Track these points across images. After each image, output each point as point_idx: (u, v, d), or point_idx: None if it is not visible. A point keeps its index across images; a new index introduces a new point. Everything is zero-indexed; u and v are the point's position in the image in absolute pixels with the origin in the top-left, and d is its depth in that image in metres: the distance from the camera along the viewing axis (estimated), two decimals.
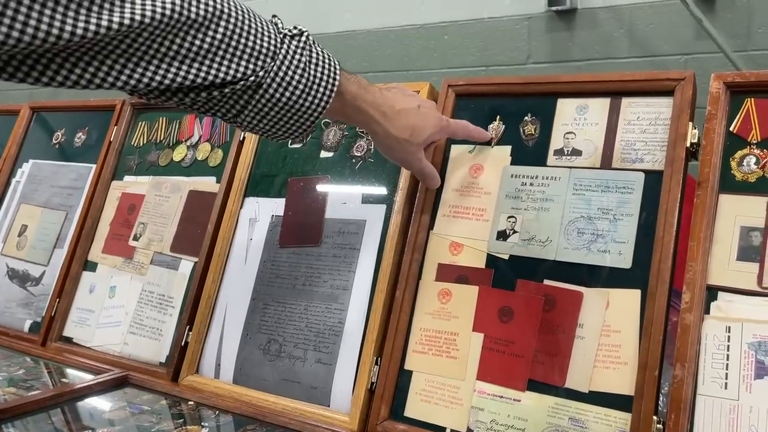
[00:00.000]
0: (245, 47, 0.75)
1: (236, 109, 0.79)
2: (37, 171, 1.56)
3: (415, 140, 0.94)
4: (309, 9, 2.95)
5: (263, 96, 0.78)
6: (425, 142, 0.96)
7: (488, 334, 0.95)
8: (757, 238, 0.83)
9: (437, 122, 0.97)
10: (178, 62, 0.71)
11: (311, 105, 0.82)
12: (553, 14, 2.50)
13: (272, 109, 0.80)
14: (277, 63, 0.78)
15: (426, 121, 0.95)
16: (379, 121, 0.91)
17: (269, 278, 1.15)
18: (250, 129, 0.83)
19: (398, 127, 0.92)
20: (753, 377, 0.79)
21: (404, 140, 0.93)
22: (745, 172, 0.87)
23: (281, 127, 0.83)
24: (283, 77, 0.78)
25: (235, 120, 0.81)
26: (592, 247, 0.92)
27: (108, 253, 1.35)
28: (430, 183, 1.03)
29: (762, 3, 2.20)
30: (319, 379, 1.04)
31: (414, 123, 0.94)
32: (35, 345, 1.33)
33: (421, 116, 0.95)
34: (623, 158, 0.94)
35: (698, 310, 0.83)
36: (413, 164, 0.98)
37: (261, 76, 0.77)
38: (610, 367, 0.87)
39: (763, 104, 0.88)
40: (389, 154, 0.97)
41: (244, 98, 0.78)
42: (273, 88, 0.78)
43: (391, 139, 0.93)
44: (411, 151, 0.95)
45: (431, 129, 0.96)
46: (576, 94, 1.00)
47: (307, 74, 0.80)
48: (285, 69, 0.78)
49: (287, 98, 0.80)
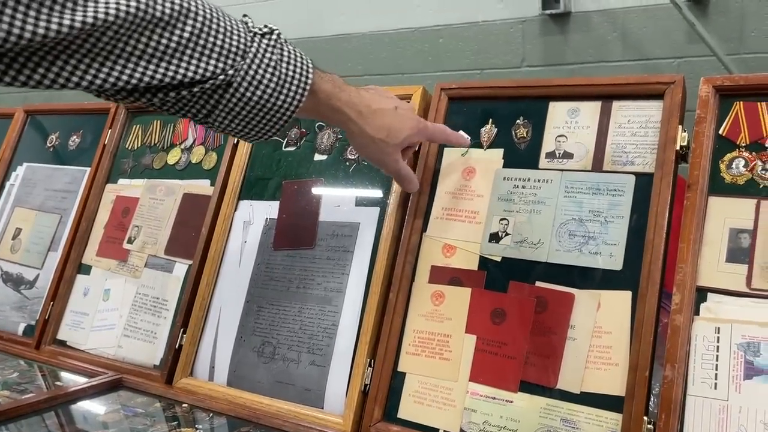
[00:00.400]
0: (214, 45, 0.74)
1: (207, 109, 0.78)
2: (31, 174, 1.56)
3: (391, 141, 0.93)
4: (303, 12, 2.95)
5: (234, 95, 0.77)
6: (402, 144, 0.95)
7: (481, 335, 0.95)
8: (746, 239, 0.84)
9: (415, 124, 0.96)
10: (144, 61, 0.70)
11: (283, 104, 0.81)
12: (547, 18, 2.52)
13: (243, 108, 0.79)
14: (247, 62, 0.76)
15: (403, 123, 0.94)
16: (354, 120, 0.90)
17: (263, 281, 1.15)
18: (221, 129, 0.82)
19: (374, 127, 0.91)
20: (742, 378, 0.79)
21: (380, 140, 0.92)
22: (734, 175, 0.87)
23: (254, 127, 0.82)
24: (253, 76, 0.77)
25: (206, 120, 0.80)
26: (583, 249, 0.93)
27: (102, 256, 1.35)
28: (407, 186, 1.02)
29: (754, 6, 2.22)
30: (313, 381, 1.05)
31: (390, 124, 0.93)
32: (29, 348, 1.33)
33: (398, 117, 0.94)
34: (614, 161, 0.95)
35: (688, 311, 0.83)
36: (389, 165, 0.97)
37: (231, 75, 0.76)
38: (601, 368, 0.87)
39: (752, 107, 0.89)
40: (365, 154, 0.97)
41: (215, 98, 0.77)
42: (244, 87, 0.77)
43: (366, 139, 0.92)
44: (387, 151, 0.94)
45: (408, 130, 0.95)
46: (567, 98, 1.01)
47: (278, 72, 0.79)
48: (255, 68, 0.77)
49: (258, 97, 0.78)
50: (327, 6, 2.90)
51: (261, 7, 3.02)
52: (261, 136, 0.84)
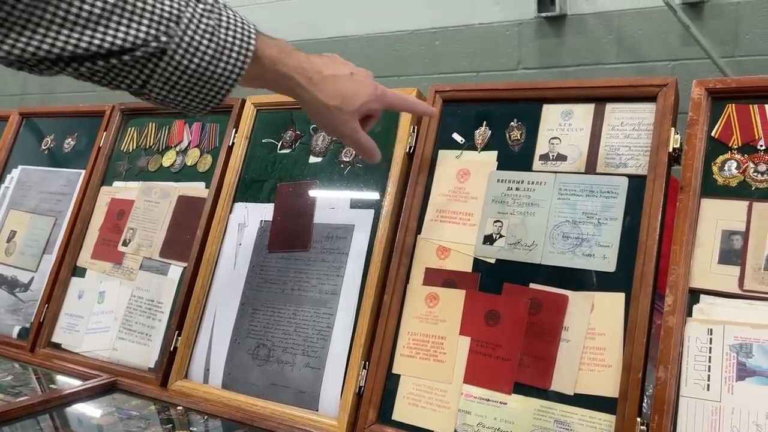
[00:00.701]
0: (143, 11, 0.69)
1: (141, 79, 0.73)
2: (26, 177, 1.56)
3: (346, 108, 0.89)
4: (300, 14, 2.96)
5: (170, 64, 0.72)
6: (359, 111, 0.91)
7: (475, 337, 0.96)
8: (738, 241, 0.85)
9: (372, 90, 0.92)
10: (67, 29, 0.66)
11: (224, 72, 0.76)
12: (542, 20, 2.52)
13: (181, 78, 0.74)
14: (181, 27, 0.72)
15: (359, 89, 0.90)
16: (304, 86, 0.86)
17: (258, 283, 1.15)
18: (160, 101, 0.77)
19: (327, 94, 0.88)
20: (735, 379, 0.80)
21: (334, 107, 0.88)
22: (727, 177, 0.88)
23: (194, 98, 0.77)
24: (189, 42, 0.72)
25: (142, 92, 0.75)
26: (577, 251, 0.93)
27: (97, 259, 1.35)
28: (369, 156, 0.97)
29: (749, 9, 2.23)
30: (308, 383, 1.05)
31: (345, 90, 0.89)
32: (24, 351, 1.32)
33: (353, 83, 0.90)
34: (607, 163, 0.96)
35: (681, 312, 0.84)
36: (347, 134, 0.93)
37: (164, 42, 0.71)
38: (594, 369, 0.88)
39: (744, 110, 0.90)
40: (320, 123, 0.93)
41: (149, 67, 0.72)
42: (180, 55, 0.72)
43: (319, 106, 0.88)
44: (343, 119, 0.90)
45: (365, 97, 0.91)
46: (561, 100, 1.02)
47: (216, 38, 0.74)
48: (192, 33, 0.72)
49: (196, 65, 0.73)
50: (323, 8, 2.90)
51: (257, 10, 3.02)
52: (203, 108, 0.79)
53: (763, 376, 0.78)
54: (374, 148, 0.97)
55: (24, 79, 3.65)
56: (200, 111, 0.80)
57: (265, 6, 3.02)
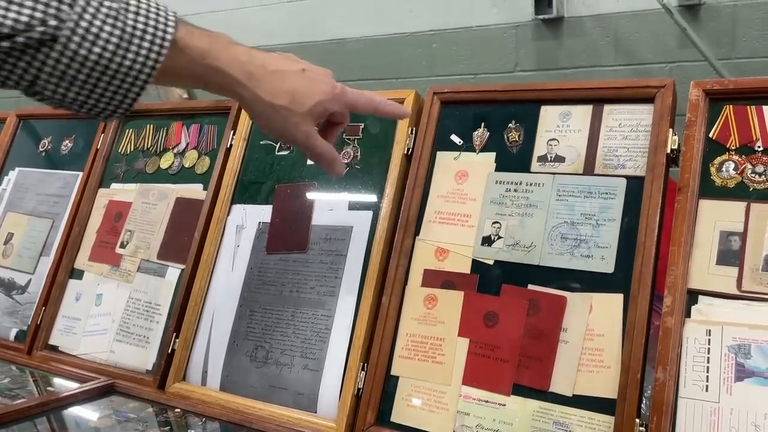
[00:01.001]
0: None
1: (30, 73, 0.62)
2: (23, 179, 1.55)
3: (297, 108, 0.78)
4: (298, 17, 2.96)
5: (63, 54, 0.61)
6: (313, 113, 0.80)
7: (473, 339, 0.96)
8: (736, 242, 0.85)
9: (328, 89, 0.81)
10: None
11: (134, 64, 0.64)
12: (540, 23, 2.53)
13: (79, 72, 0.62)
14: (77, 10, 0.61)
15: (311, 87, 0.79)
16: (243, 82, 0.75)
17: (256, 285, 1.15)
18: (58, 102, 0.65)
19: (272, 91, 0.76)
20: (733, 380, 0.80)
21: (282, 107, 0.77)
22: (724, 178, 0.88)
23: (100, 97, 0.65)
24: (87, 29, 0.61)
25: (33, 89, 0.64)
26: (575, 252, 0.93)
27: (94, 261, 1.34)
28: (328, 166, 0.86)
29: (746, 12, 2.24)
30: (306, 385, 1.05)
31: (294, 87, 0.78)
32: (21, 353, 1.32)
33: (305, 80, 0.79)
34: (605, 164, 0.96)
35: (679, 313, 0.84)
36: (298, 139, 0.81)
37: (53, 27, 0.60)
38: (593, 370, 0.88)
39: (742, 111, 0.90)
40: (266, 127, 0.81)
41: (38, 58, 0.61)
42: (75, 43, 0.61)
43: (263, 106, 0.77)
44: (293, 121, 0.79)
45: (319, 96, 0.80)
46: (559, 102, 1.02)
47: (122, 24, 0.63)
48: (90, 18, 0.61)
49: (97, 56, 0.62)
50: (322, 11, 2.91)
51: (256, 12, 3.02)
52: (114, 110, 0.67)
53: (761, 377, 0.79)
54: (334, 157, 0.85)
55: None
56: (111, 114, 0.67)
57: (263, 9, 3.02)
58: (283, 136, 0.82)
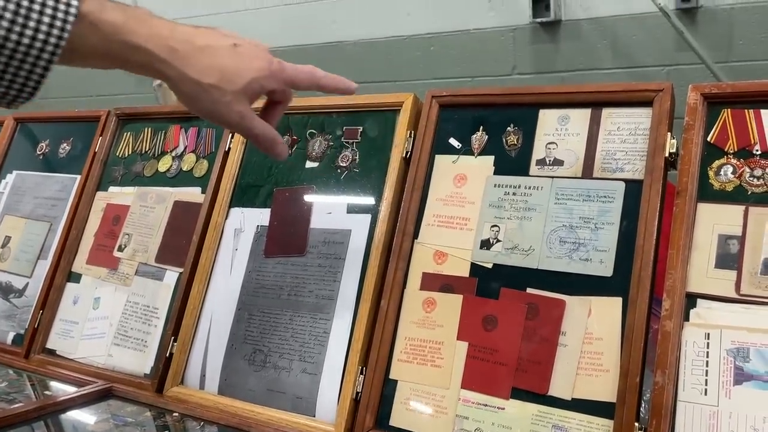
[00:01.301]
0: None
1: None
2: (21, 182, 1.55)
3: (228, 87, 0.71)
4: (296, 19, 2.96)
5: None
6: (246, 91, 0.73)
7: (472, 342, 0.95)
8: (734, 245, 0.85)
9: (264, 65, 0.74)
10: None
11: (34, 42, 0.58)
12: (537, 26, 2.53)
13: None
14: None
15: (245, 63, 0.72)
16: (165, 59, 0.68)
17: (254, 288, 1.15)
18: None
19: (199, 69, 0.69)
20: (732, 383, 0.80)
21: (211, 86, 0.70)
22: (723, 182, 0.88)
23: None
24: None
25: None
26: (574, 255, 0.93)
27: (92, 264, 1.34)
28: (267, 147, 0.79)
29: (742, 15, 2.24)
30: (305, 389, 1.04)
31: (224, 63, 0.71)
32: (18, 357, 1.32)
33: (236, 56, 0.72)
34: (604, 168, 0.96)
35: (678, 317, 0.84)
36: (232, 120, 0.74)
37: None
38: (592, 374, 0.88)
39: (740, 114, 0.90)
40: (195, 108, 0.73)
41: None
42: None
43: (190, 85, 0.70)
44: (225, 101, 0.72)
45: (254, 72, 0.73)
46: (557, 105, 1.02)
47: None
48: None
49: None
50: (319, 14, 2.91)
51: (253, 15, 3.02)
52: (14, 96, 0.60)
53: (760, 381, 0.79)
54: (273, 137, 0.78)
55: None
56: (14, 100, 0.61)
57: (261, 12, 3.02)
58: (214, 119, 0.74)
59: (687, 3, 2.25)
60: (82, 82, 3.40)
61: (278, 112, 0.81)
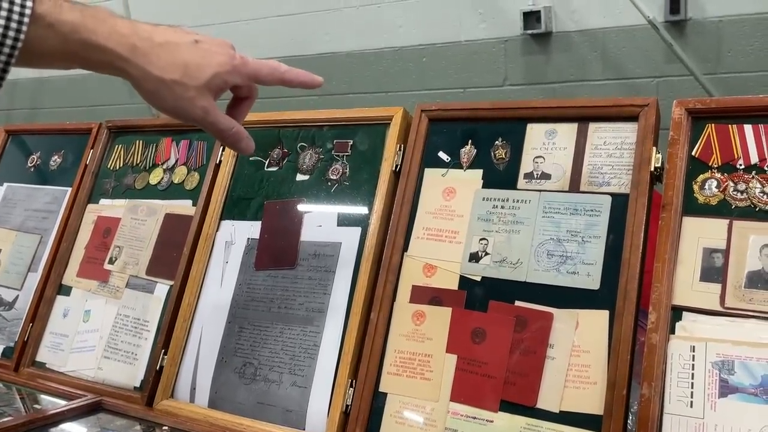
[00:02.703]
0: None
1: None
2: (11, 194, 1.55)
3: (191, 82, 0.71)
4: (288, 31, 2.98)
5: None
6: (210, 86, 0.73)
7: (461, 355, 0.96)
8: (719, 259, 0.86)
9: (226, 60, 0.74)
10: None
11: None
12: (528, 37, 2.55)
13: None
14: None
15: (207, 58, 0.73)
16: (127, 57, 0.68)
17: (245, 301, 1.15)
18: None
19: (161, 65, 0.69)
20: (717, 396, 0.80)
21: (174, 82, 0.70)
22: (707, 196, 0.89)
23: None
24: None
25: None
26: (561, 268, 0.94)
27: (83, 277, 1.34)
28: (233, 142, 0.78)
29: (731, 28, 2.27)
30: (295, 402, 1.05)
31: (186, 59, 0.71)
32: (8, 370, 1.31)
33: (198, 52, 0.72)
34: (590, 182, 0.97)
35: (664, 330, 0.85)
36: (196, 115, 0.73)
37: None
38: (580, 387, 0.88)
39: (723, 129, 0.91)
40: (159, 105, 0.73)
41: None
42: None
43: (153, 82, 0.70)
44: (188, 97, 0.72)
45: (216, 67, 0.73)
46: (545, 119, 1.03)
47: None
48: None
49: None
50: (312, 26, 2.92)
51: (246, 26, 3.04)
52: None
53: (745, 393, 0.79)
54: (238, 132, 0.77)
55: (10, 95, 3.64)
56: None
57: (254, 23, 3.03)
58: (179, 115, 0.74)
59: (676, 15, 2.28)
60: (74, 94, 3.40)
61: (244, 108, 0.81)
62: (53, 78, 3.41)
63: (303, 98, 2.62)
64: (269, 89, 0.82)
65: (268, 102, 1.11)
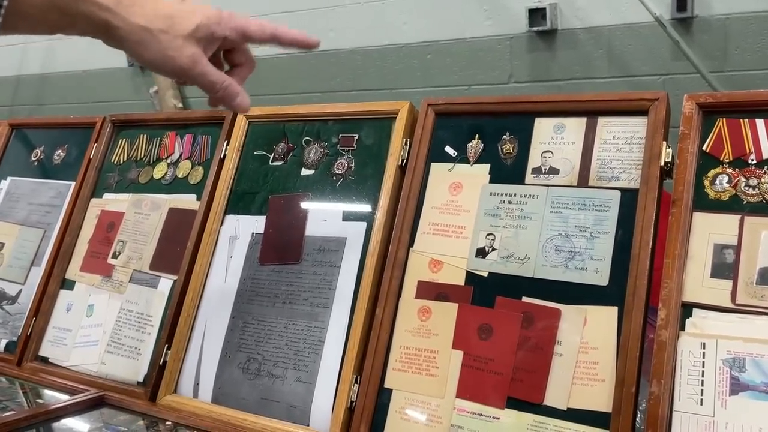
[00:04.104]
0: None
1: None
2: (15, 188, 1.54)
3: (176, 31, 0.70)
4: (292, 27, 2.97)
5: None
6: (197, 35, 0.71)
7: (467, 351, 0.95)
8: (730, 255, 0.85)
9: (212, 12, 0.73)
10: None
11: None
12: (533, 35, 2.54)
13: None
14: None
15: (193, 11, 0.72)
16: (110, 8, 0.66)
17: (249, 296, 1.14)
18: None
19: (146, 16, 0.69)
20: (728, 393, 0.79)
21: (160, 32, 0.69)
22: (718, 191, 0.88)
23: None
24: None
25: None
26: (569, 264, 0.93)
27: (86, 272, 1.33)
28: (226, 96, 0.76)
29: (738, 25, 2.26)
30: (299, 397, 1.04)
31: (171, 10, 0.70)
32: (11, 365, 1.31)
33: (183, 4, 0.72)
34: (599, 177, 0.96)
35: (674, 326, 0.83)
36: (184, 65, 0.71)
37: None
38: (588, 384, 0.87)
39: (735, 124, 0.90)
40: (144, 57, 0.71)
41: None
42: None
43: (137, 33, 0.68)
44: (174, 46, 0.70)
45: (201, 18, 0.72)
46: (553, 114, 1.02)
47: None
48: None
49: None
50: (316, 22, 2.91)
51: None
52: None
53: (756, 391, 0.78)
54: (230, 86, 0.75)
55: (14, 89, 3.64)
56: None
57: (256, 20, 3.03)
58: (167, 67, 0.72)
59: (682, 13, 2.26)
60: (78, 90, 3.40)
61: (242, 75, 0.79)
62: (57, 74, 3.40)
63: (307, 95, 2.62)
64: (274, 85, 0.82)
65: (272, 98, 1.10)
